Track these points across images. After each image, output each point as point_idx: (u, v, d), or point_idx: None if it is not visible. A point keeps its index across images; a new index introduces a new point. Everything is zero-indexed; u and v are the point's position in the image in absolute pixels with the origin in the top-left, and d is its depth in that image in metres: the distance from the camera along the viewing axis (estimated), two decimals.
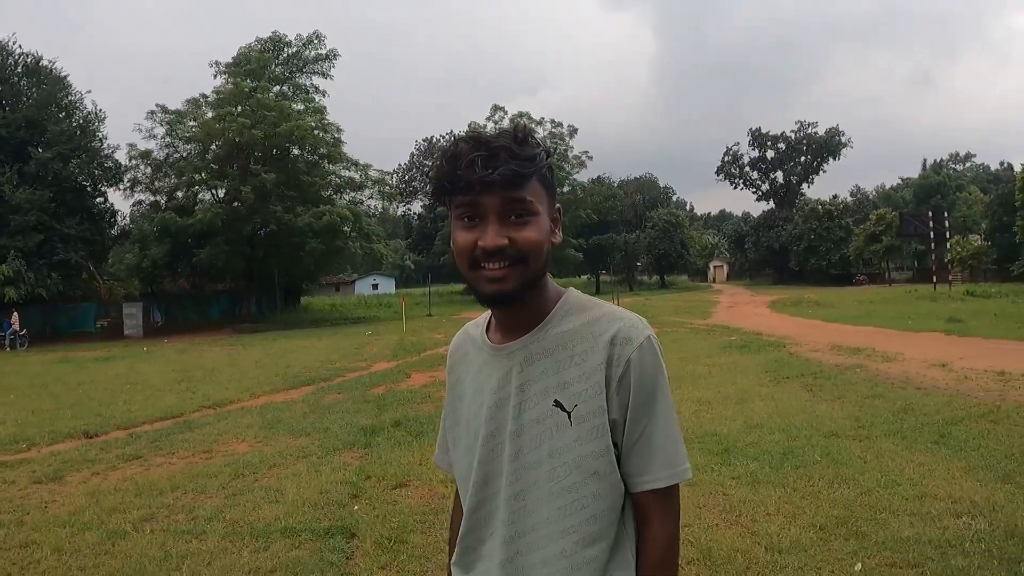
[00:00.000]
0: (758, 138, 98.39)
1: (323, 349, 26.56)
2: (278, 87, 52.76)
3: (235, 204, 45.77)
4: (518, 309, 1.76)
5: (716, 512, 6.57)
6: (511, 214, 1.66)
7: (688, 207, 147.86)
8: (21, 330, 38.65)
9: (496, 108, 75.86)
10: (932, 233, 54.74)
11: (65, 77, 49.49)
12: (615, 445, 1.69)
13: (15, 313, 38.99)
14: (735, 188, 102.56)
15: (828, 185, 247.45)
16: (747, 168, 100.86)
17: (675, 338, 23.83)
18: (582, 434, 1.67)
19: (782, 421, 10.11)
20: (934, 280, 50.88)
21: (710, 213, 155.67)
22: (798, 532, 5.96)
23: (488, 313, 1.90)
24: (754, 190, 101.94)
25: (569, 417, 1.68)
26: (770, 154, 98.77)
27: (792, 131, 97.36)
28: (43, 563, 6.11)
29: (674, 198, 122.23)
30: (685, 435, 8.82)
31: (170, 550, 6.15)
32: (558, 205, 1.79)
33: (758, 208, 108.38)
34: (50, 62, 49.39)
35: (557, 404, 1.69)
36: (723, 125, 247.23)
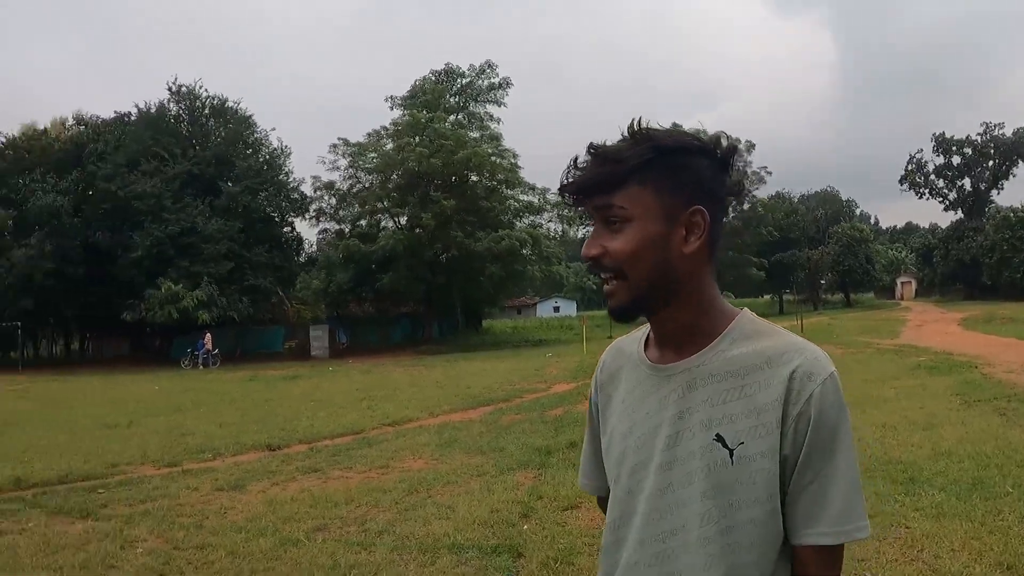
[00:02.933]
0: (942, 143, 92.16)
1: (503, 371, 26.59)
2: (453, 116, 53.95)
3: (416, 231, 46.90)
4: (677, 325, 1.60)
5: (896, 546, 6.11)
6: (607, 221, 1.55)
7: (872, 220, 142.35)
8: (213, 350, 41.06)
9: (674, 126, 75.26)
10: None
11: (250, 116, 52.80)
12: (780, 490, 1.49)
13: (208, 334, 41.62)
14: (920, 198, 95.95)
15: (1021, 190, 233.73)
16: (932, 176, 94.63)
17: (860, 359, 22.93)
18: (744, 476, 1.48)
19: (972, 448, 9.38)
20: None
21: (895, 226, 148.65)
22: (984, 571, 5.51)
23: (646, 327, 1.71)
24: (941, 199, 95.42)
25: (731, 455, 1.49)
26: (956, 160, 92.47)
27: (978, 134, 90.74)
28: (217, 564, 6.37)
29: (857, 211, 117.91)
30: (868, 462, 8.43)
31: (339, 559, 6.27)
32: (698, 207, 1.53)
33: (946, 219, 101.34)
34: (235, 103, 52.74)
35: (719, 439, 1.50)
36: (908, 130, 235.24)
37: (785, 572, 1.52)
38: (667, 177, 1.52)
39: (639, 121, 1.57)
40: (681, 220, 1.53)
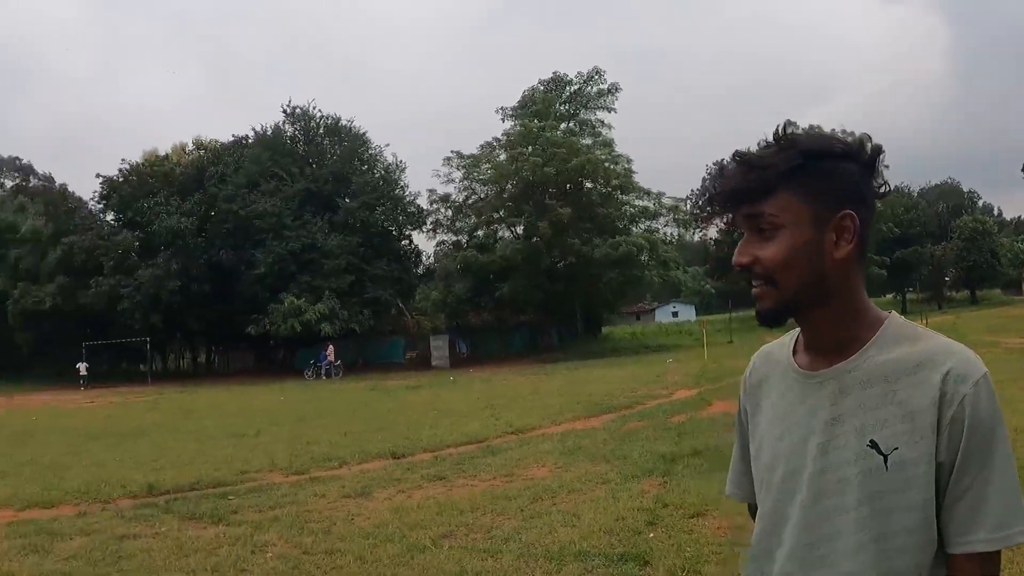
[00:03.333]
0: None
1: (624, 377, 26.49)
2: (564, 124, 54.11)
3: (533, 239, 47.21)
4: (827, 330, 1.57)
5: None
6: (757, 228, 1.54)
7: (995, 211, 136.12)
8: (336, 361, 41.99)
9: (788, 124, 73.86)
10: None
11: (364, 134, 54.37)
12: (936, 496, 1.46)
13: (330, 346, 42.65)
14: None
15: None
16: None
17: (987, 360, 21.85)
18: (898, 482, 1.45)
19: None
20: None
21: (1020, 217, 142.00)
22: None
23: (796, 332, 1.69)
24: None
25: (885, 461, 1.46)
26: None
27: None
28: (345, 569, 6.51)
29: (980, 203, 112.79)
30: None
31: (465, 566, 6.31)
32: (847, 211, 1.51)
33: None
34: (348, 121, 54.37)
35: (873, 445, 1.47)
36: None
37: None
38: (816, 183, 1.51)
39: (784, 126, 1.57)
40: (831, 225, 1.51)
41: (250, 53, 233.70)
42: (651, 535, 6.95)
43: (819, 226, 1.50)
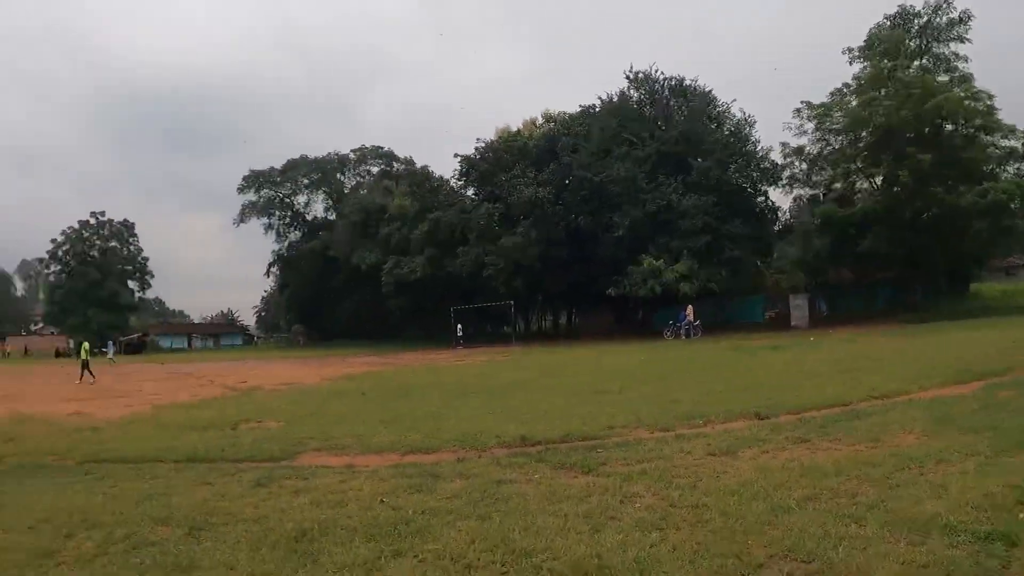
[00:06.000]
0: None
1: (995, 340, 24.51)
2: (916, 62, 50.16)
3: (893, 189, 44.86)
4: None
5: None
6: None
7: None
8: (695, 321, 42.52)
9: None
10: None
11: (709, 91, 53.79)
12: None
13: (690, 306, 43.35)
14: None
15: None
16: None
17: None
18: None
19: None
20: None
21: None
22: None
23: None
24: None
25: None
26: None
27: None
28: (711, 523, 6.74)
29: None
30: None
31: (829, 530, 6.32)
32: None
33: None
34: (692, 81, 54.48)
35: None
36: None
37: None
38: None
39: None
40: None
41: (575, 23, 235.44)
42: (1021, 515, 6.56)
43: None
